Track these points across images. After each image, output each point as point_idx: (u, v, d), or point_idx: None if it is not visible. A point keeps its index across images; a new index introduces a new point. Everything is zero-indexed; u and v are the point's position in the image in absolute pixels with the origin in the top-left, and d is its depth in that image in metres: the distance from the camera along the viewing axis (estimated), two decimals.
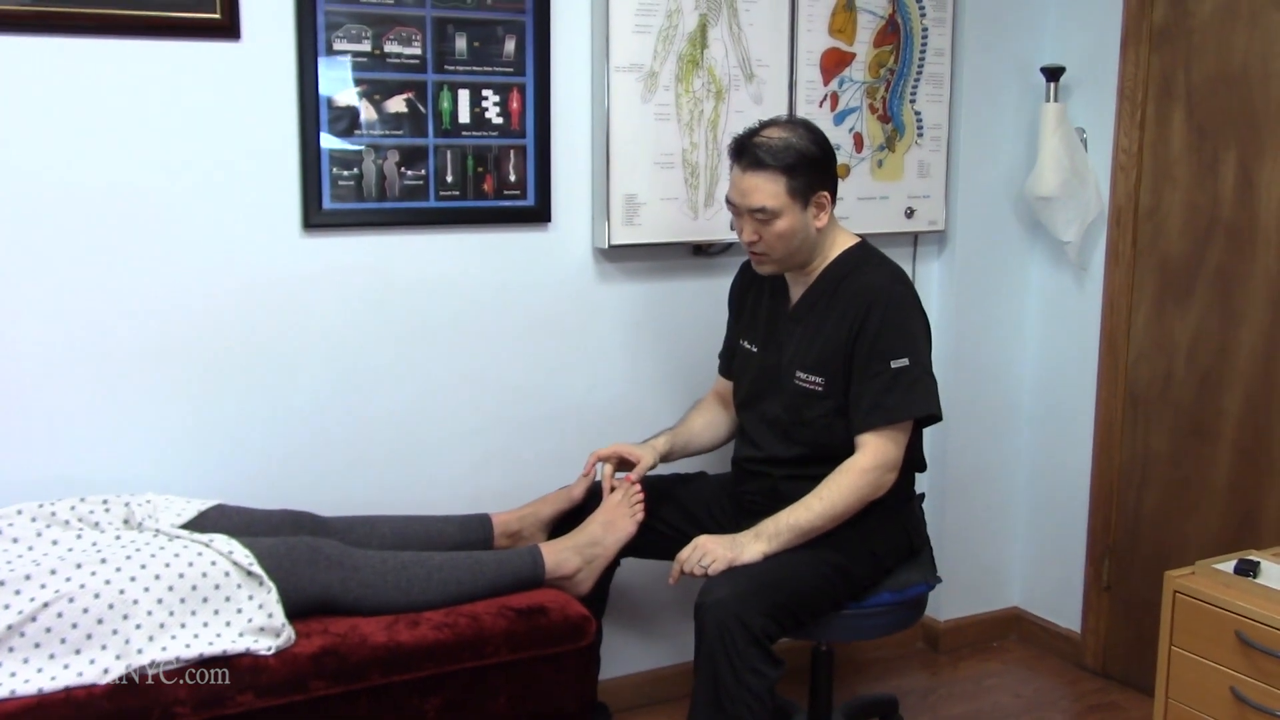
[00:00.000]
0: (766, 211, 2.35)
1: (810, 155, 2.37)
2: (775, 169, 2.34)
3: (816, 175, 2.38)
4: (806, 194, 2.37)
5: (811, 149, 2.37)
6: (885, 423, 2.35)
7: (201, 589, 2.05)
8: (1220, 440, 2.98)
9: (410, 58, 2.59)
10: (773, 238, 2.38)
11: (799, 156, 2.35)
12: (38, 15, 2.29)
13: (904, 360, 2.36)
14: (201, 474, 2.52)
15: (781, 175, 2.34)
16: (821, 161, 2.39)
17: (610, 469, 2.55)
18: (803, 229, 2.39)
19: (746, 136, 2.41)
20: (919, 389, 2.37)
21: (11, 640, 1.92)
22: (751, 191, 2.36)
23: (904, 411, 2.36)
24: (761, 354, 2.54)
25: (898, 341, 2.36)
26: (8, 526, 2.11)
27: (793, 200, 2.35)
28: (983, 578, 3.51)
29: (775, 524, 2.32)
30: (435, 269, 2.71)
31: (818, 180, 2.38)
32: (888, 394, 2.34)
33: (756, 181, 2.35)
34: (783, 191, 2.34)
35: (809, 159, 2.36)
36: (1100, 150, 3.20)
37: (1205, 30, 2.94)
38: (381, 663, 2.11)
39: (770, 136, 2.37)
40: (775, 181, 2.34)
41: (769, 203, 2.35)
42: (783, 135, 2.37)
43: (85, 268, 2.40)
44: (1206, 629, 2.36)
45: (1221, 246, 2.94)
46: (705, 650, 2.21)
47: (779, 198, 2.35)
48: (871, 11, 3.08)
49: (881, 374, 2.35)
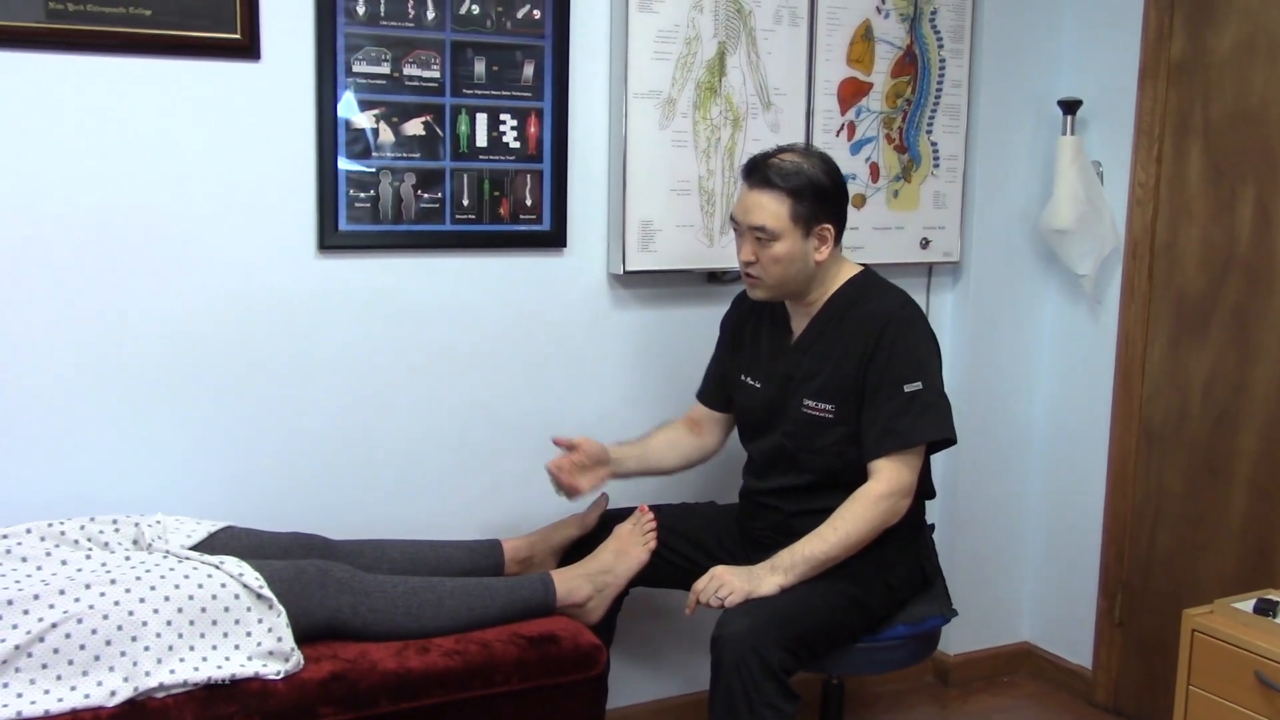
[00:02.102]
0: (766, 231, 2.34)
1: (820, 185, 2.35)
2: (782, 190, 2.33)
3: (823, 206, 2.36)
4: (810, 223, 2.35)
5: (822, 179, 2.36)
6: (899, 447, 2.33)
7: (211, 611, 2.03)
8: (1235, 478, 2.95)
9: (429, 81, 2.59)
10: (769, 260, 2.36)
11: (808, 183, 2.34)
12: (58, 33, 2.29)
13: (917, 384, 2.34)
14: (211, 495, 2.51)
15: (787, 198, 2.33)
16: (830, 193, 2.37)
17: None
18: (801, 257, 2.37)
19: (761, 157, 2.40)
20: (931, 413, 2.35)
21: (19, 661, 1.90)
22: (754, 209, 2.35)
23: (917, 436, 2.35)
24: (765, 388, 2.51)
25: (910, 366, 2.35)
26: (16, 545, 2.10)
27: (794, 225, 2.34)
28: (994, 612, 3.49)
29: (791, 556, 2.30)
30: (450, 292, 2.70)
31: (823, 211, 2.36)
32: (900, 418, 2.33)
33: (761, 200, 2.35)
34: (785, 214, 2.33)
35: (817, 188, 2.35)
36: (1117, 184, 3.19)
37: (1224, 66, 2.94)
38: (391, 690, 2.09)
39: (784, 160, 2.37)
40: (780, 203, 2.33)
41: (769, 222, 2.33)
42: (796, 160, 2.37)
43: (99, 286, 2.39)
44: (1225, 669, 2.33)
45: (1238, 283, 2.93)
46: (722, 684, 2.19)
47: (780, 220, 2.33)
48: (889, 42, 3.08)
49: (895, 399, 2.33)
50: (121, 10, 2.33)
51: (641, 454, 2.63)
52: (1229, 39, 2.92)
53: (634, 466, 2.62)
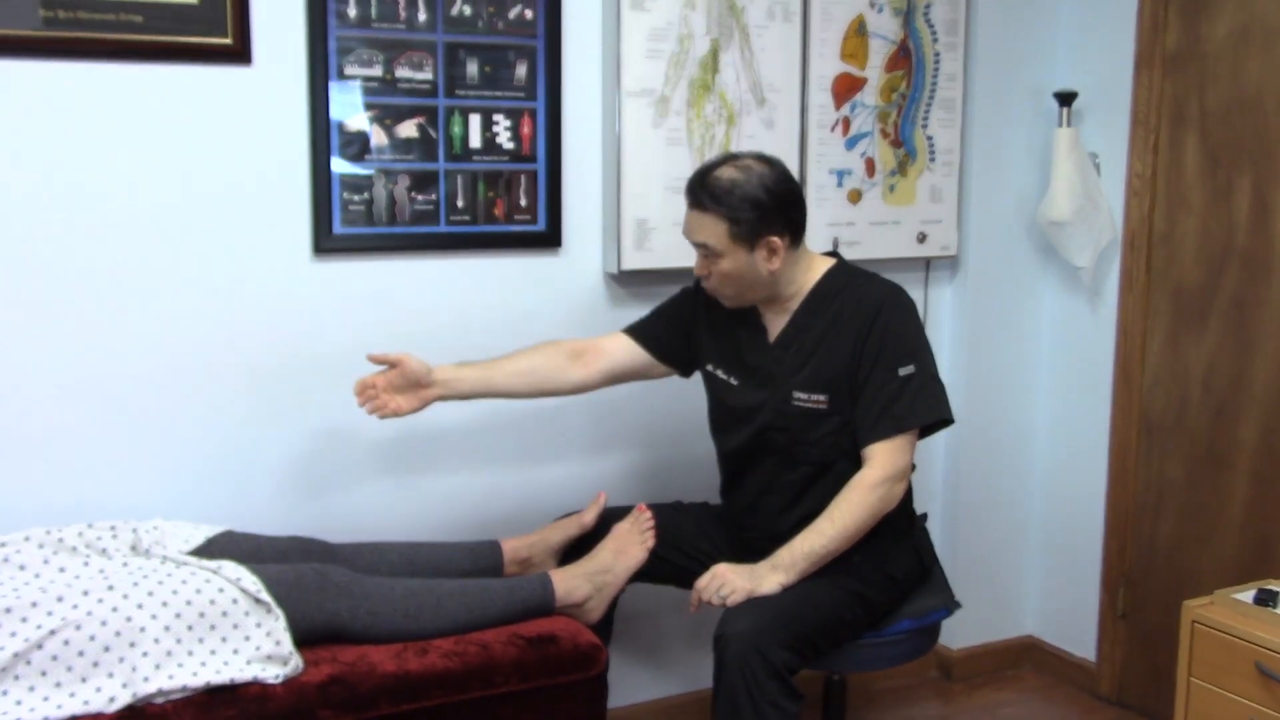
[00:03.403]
0: (709, 249, 2.34)
1: (757, 200, 2.28)
2: (715, 213, 2.30)
3: (764, 220, 2.30)
4: (751, 238, 2.31)
5: (759, 195, 2.29)
6: (894, 431, 2.33)
7: (209, 616, 2.04)
8: (1236, 469, 2.95)
9: (421, 82, 2.59)
10: (719, 275, 2.36)
11: (742, 200, 2.28)
12: (51, 40, 2.29)
13: (910, 367, 2.34)
14: (209, 500, 2.51)
15: (723, 219, 2.30)
16: (769, 206, 2.29)
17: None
18: (749, 270, 2.34)
19: (698, 175, 2.35)
20: (926, 395, 2.35)
21: (18, 668, 1.90)
22: (696, 228, 2.35)
23: (912, 419, 2.34)
24: (744, 385, 2.47)
25: (902, 349, 2.35)
26: (15, 553, 2.09)
27: (734, 244, 2.31)
28: (996, 605, 3.48)
29: (790, 553, 2.29)
30: (446, 294, 2.70)
31: (765, 225, 2.30)
32: (896, 402, 2.33)
33: (700, 220, 2.33)
34: (724, 233, 2.31)
35: (753, 203, 2.28)
36: (1113, 175, 3.19)
37: (1219, 56, 2.93)
38: (390, 692, 2.09)
39: (720, 176, 2.31)
40: (717, 223, 2.31)
41: (710, 240, 2.32)
42: (732, 176, 2.30)
43: (94, 292, 2.39)
44: (1225, 660, 2.33)
45: (1236, 273, 2.92)
46: (725, 683, 2.18)
47: (720, 239, 2.31)
48: (883, 37, 3.07)
49: (889, 383, 2.33)
50: (114, 17, 2.33)
51: (484, 376, 2.48)
52: (1223, 28, 2.91)
53: (470, 389, 2.47)
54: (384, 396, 2.38)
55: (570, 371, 2.54)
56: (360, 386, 2.39)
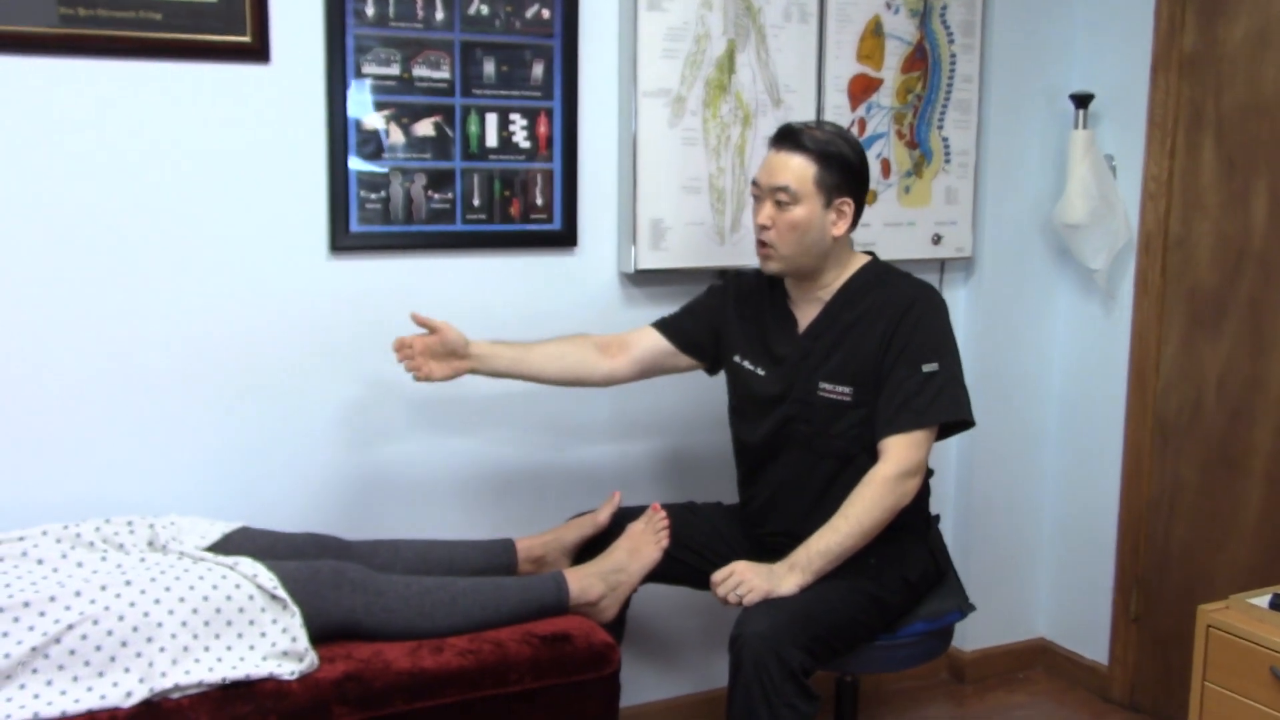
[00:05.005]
0: (788, 193, 2.34)
1: (848, 159, 2.37)
2: (812, 153, 2.35)
3: (847, 179, 2.37)
4: (832, 193, 2.36)
5: (851, 155, 2.39)
6: (912, 425, 2.33)
7: (225, 612, 2.04)
8: (1251, 472, 2.94)
9: (439, 81, 2.60)
10: (785, 226, 2.36)
11: (838, 153, 2.36)
12: (69, 38, 2.30)
13: (934, 365, 2.34)
14: (226, 496, 2.52)
15: (815, 163, 2.34)
16: (857, 169, 2.39)
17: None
18: (817, 227, 2.37)
19: (795, 124, 2.42)
20: (948, 394, 2.35)
21: (35, 662, 1.91)
22: (780, 169, 2.36)
23: (931, 415, 2.34)
24: (770, 376, 2.48)
25: (929, 347, 2.36)
26: (33, 548, 2.11)
27: (817, 191, 2.35)
28: (1009, 608, 3.48)
29: (807, 552, 2.29)
30: (461, 292, 2.71)
31: (846, 185, 2.37)
32: (917, 397, 2.33)
33: (789, 161, 2.35)
34: (810, 178, 2.34)
35: (846, 160, 2.37)
36: (1129, 178, 3.18)
37: (1236, 58, 2.92)
38: (405, 689, 2.09)
39: (818, 130, 2.39)
40: (807, 165, 2.34)
41: (793, 183, 2.34)
42: (830, 132, 2.40)
43: (111, 289, 2.40)
44: (1240, 664, 2.32)
45: (1252, 276, 2.91)
46: (741, 684, 2.17)
47: (805, 182, 2.34)
48: (899, 38, 3.07)
49: (912, 377, 2.33)
50: (132, 14, 2.34)
51: (519, 356, 2.51)
52: (1241, 31, 2.91)
53: (504, 367, 2.50)
54: (419, 359, 2.41)
55: (600, 362, 2.57)
56: (399, 343, 2.42)
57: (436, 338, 2.42)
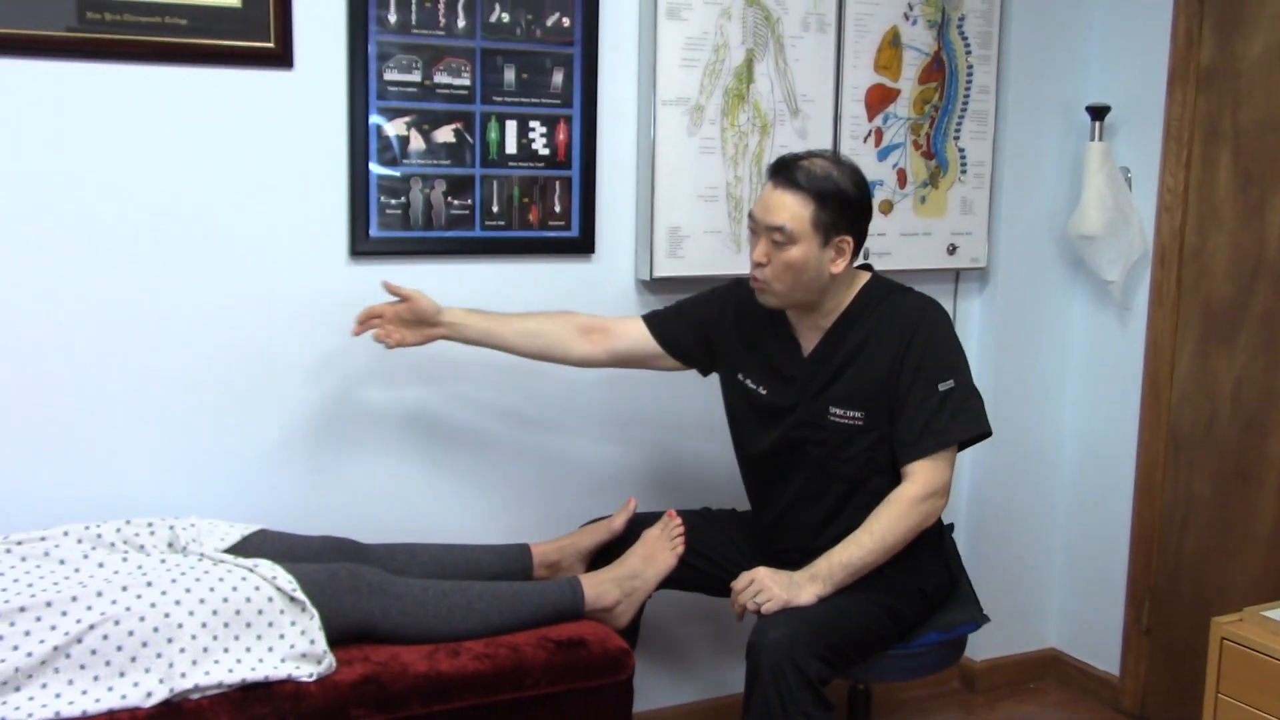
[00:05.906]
0: (784, 233, 2.29)
1: (846, 194, 2.31)
2: (807, 193, 2.29)
3: (846, 217, 2.31)
4: (830, 232, 2.30)
5: (849, 190, 2.32)
6: (937, 447, 2.33)
7: (245, 614, 2.06)
8: (1264, 484, 2.94)
9: (459, 88, 2.61)
10: (780, 265, 2.31)
11: (835, 190, 2.30)
12: (93, 42, 2.32)
13: (950, 382, 2.34)
14: (245, 499, 2.53)
15: (811, 201, 2.28)
16: (855, 204, 2.33)
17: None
18: (815, 266, 2.31)
19: (790, 157, 2.36)
20: (967, 409, 2.35)
21: (57, 661, 1.93)
22: (776, 208, 2.30)
23: (955, 434, 2.34)
24: (772, 397, 2.47)
25: (942, 364, 2.35)
26: (54, 548, 2.12)
27: (814, 231, 2.29)
28: (1021, 618, 3.48)
29: (829, 563, 2.29)
30: (479, 298, 2.70)
31: (845, 222, 2.31)
32: (937, 417, 2.33)
33: (785, 200, 2.30)
34: (807, 218, 2.28)
35: (843, 196, 2.30)
36: (1145, 190, 3.19)
37: (1253, 73, 2.93)
38: (422, 692, 2.11)
39: (814, 163, 2.33)
40: (803, 205, 2.28)
41: (789, 223, 2.28)
42: (826, 166, 2.32)
43: (134, 292, 2.42)
44: (1255, 677, 2.32)
45: (1267, 289, 2.92)
46: (759, 692, 2.18)
47: (801, 222, 2.28)
48: (917, 49, 3.08)
49: (930, 398, 2.33)
50: (157, 20, 2.36)
51: (491, 328, 2.51)
52: (1259, 45, 2.91)
53: (476, 336, 2.51)
54: (389, 327, 2.44)
55: (578, 345, 2.56)
56: (365, 313, 2.45)
57: (406, 305, 2.45)
